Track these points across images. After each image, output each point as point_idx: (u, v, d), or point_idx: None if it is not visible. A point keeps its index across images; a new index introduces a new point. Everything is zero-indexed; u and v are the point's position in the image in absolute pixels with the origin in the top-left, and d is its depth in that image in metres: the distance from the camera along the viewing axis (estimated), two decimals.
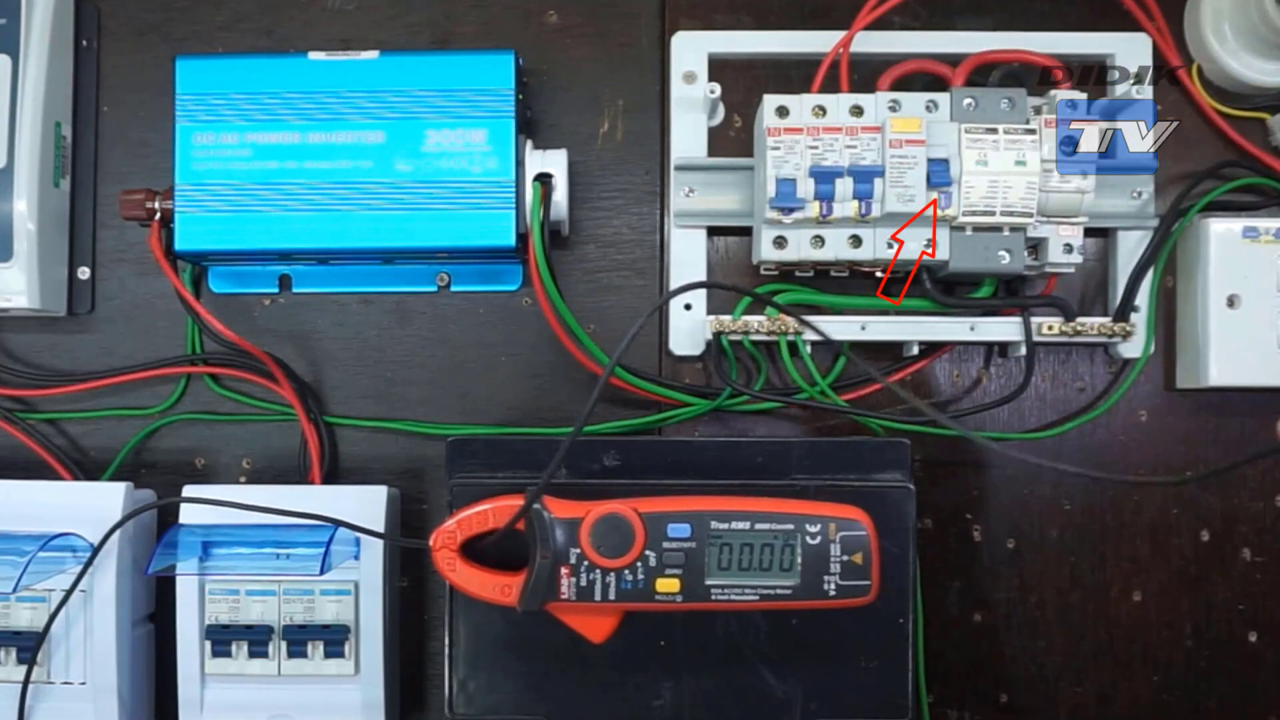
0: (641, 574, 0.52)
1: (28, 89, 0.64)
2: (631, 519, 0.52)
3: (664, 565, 0.52)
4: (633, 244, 0.69)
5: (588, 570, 0.52)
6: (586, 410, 0.52)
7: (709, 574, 0.52)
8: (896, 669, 0.58)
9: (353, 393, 0.69)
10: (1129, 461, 0.68)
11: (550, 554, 0.52)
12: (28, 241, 0.64)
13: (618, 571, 0.52)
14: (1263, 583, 0.68)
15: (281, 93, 0.63)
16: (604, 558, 0.52)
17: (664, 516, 0.52)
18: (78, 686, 0.62)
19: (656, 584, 0.52)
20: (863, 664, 0.58)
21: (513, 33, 0.69)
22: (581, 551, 0.52)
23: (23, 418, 0.69)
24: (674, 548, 0.52)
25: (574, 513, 0.53)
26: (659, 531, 0.52)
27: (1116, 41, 0.66)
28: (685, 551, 0.52)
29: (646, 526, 0.52)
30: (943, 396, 0.69)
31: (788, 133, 0.61)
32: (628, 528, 0.52)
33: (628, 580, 0.52)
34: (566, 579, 0.52)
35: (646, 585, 0.52)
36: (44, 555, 0.59)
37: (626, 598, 0.52)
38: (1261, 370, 0.65)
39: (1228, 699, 0.68)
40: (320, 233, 0.62)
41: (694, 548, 0.52)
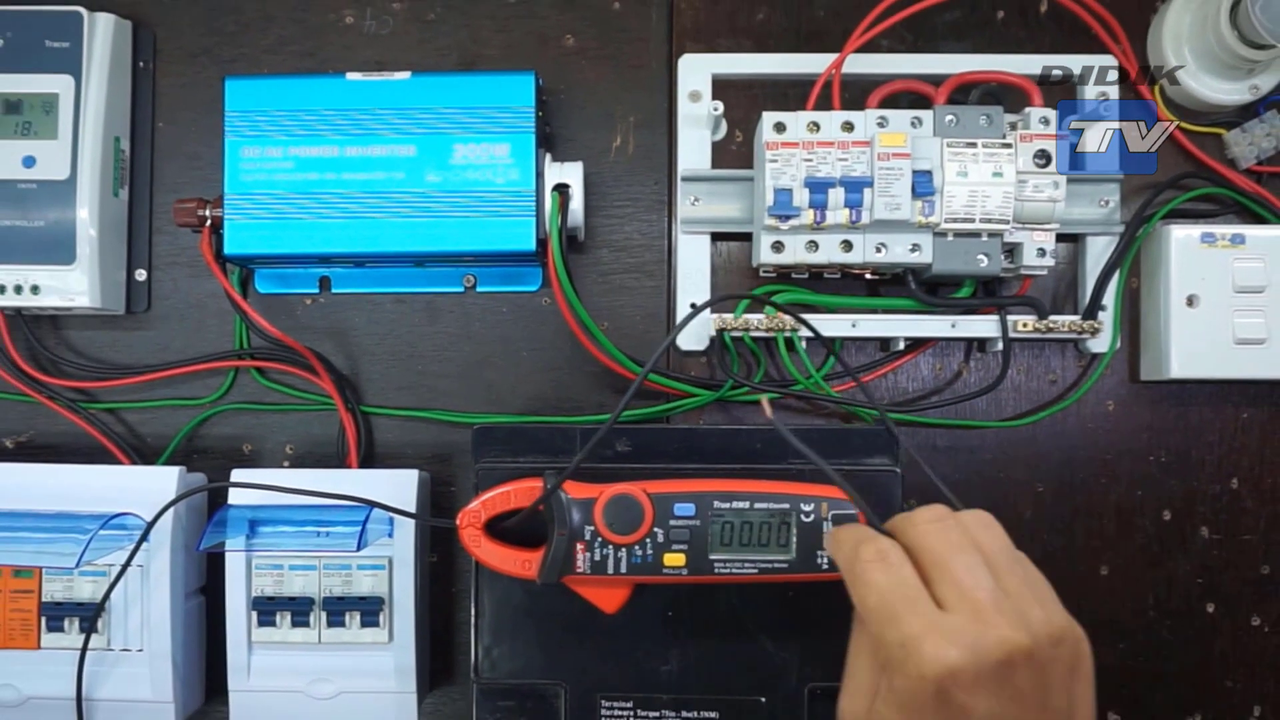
0: (650, 549, 0.52)
1: (89, 107, 0.64)
2: (641, 499, 0.52)
3: (670, 541, 0.52)
4: (643, 248, 0.69)
5: (601, 546, 0.52)
6: (620, 406, 0.53)
7: (712, 549, 0.52)
8: None
9: (387, 385, 0.69)
10: (1097, 447, 0.68)
11: (567, 531, 0.52)
12: (89, 246, 0.64)
13: (628, 547, 0.52)
14: (1219, 558, 0.68)
15: (321, 110, 0.62)
16: (616, 535, 0.52)
17: (671, 497, 0.52)
18: (135, 653, 0.62)
19: (664, 558, 0.52)
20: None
21: (533, 55, 0.69)
22: (595, 529, 0.52)
23: (85, 407, 0.69)
24: (680, 525, 0.52)
25: (589, 494, 0.53)
26: (666, 511, 0.52)
27: (1087, 64, 0.66)
28: (690, 529, 0.52)
29: (655, 506, 0.52)
30: (926, 388, 0.69)
31: (785, 146, 0.61)
32: (638, 507, 0.52)
33: (637, 555, 0.52)
34: (582, 554, 0.52)
35: (655, 559, 0.52)
36: (104, 533, 0.59)
37: (636, 571, 0.52)
38: (1218, 364, 0.65)
39: (1187, 664, 0.68)
40: (357, 238, 0.62)
41: (698, 525, 0.52)
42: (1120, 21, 0.65)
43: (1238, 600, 0.67)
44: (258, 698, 0.62)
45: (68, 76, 0.64)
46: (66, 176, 0.64)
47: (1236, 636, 0.67)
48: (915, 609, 0.38)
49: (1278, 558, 0.67)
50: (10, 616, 0.61)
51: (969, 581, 0.39)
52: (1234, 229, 0.64)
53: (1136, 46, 0.67)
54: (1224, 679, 0.67)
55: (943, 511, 0.42)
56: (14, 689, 0.61)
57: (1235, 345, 0.64)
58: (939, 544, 0.40)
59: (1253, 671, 0.67)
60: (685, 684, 0.58)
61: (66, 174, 0.64)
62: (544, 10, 0.69)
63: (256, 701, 0.62)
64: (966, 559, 0.40)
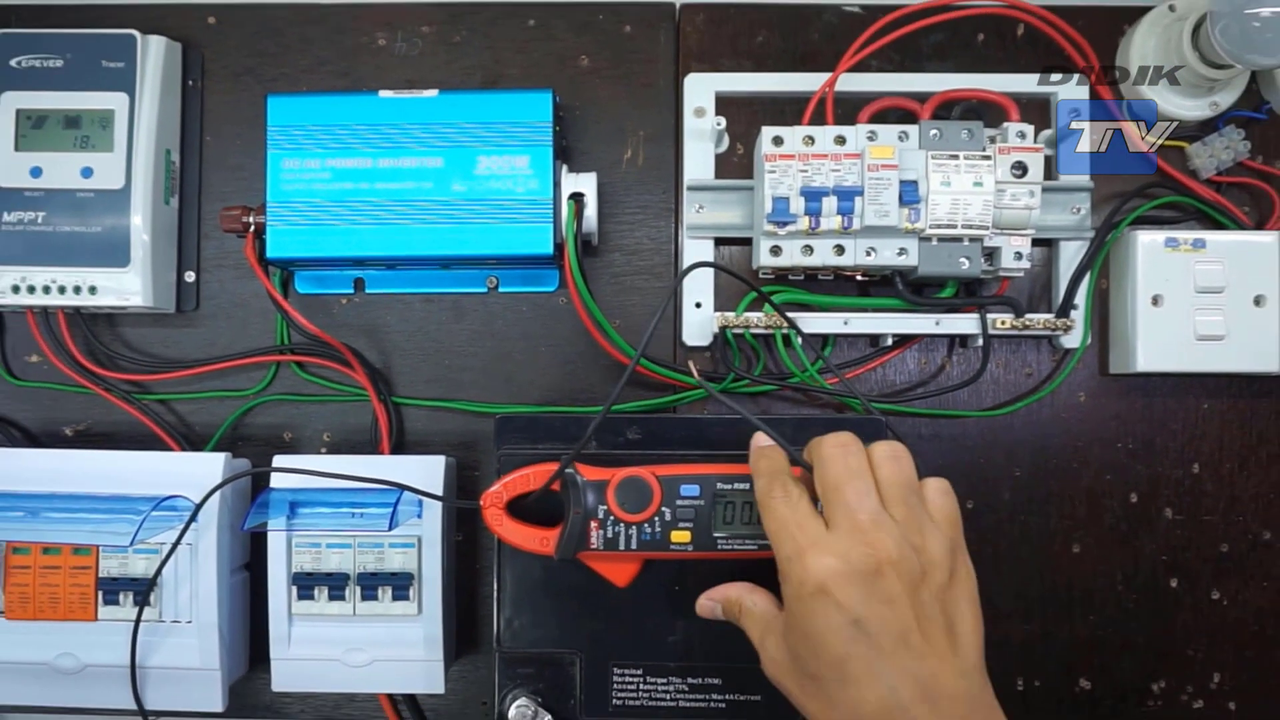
0: (659, 527, 0.52)
1: (142, 122, 0.64)
2: (650, 481, 0.52)
3: (677, 520, 0.52)
4: (652, 252, 0.69)
5: (613, 524, 0.52)
6: (614, 392, 0.53)
7: (715, 527, 0.52)
8: None
9: (416, 377, 0.69)
10: (1069, 435, 0.68)
11: (582, 511, 0.52)
12: (142, 250, 0.64)
13: (639, 525, 0.52)
14: (1181, 537, 0.68)
15: (356, 125, 0.63)
16: (627, 514, 0.52)
17: (678, 479, 0.52)
18: (184, 624, 0.62)
19: (671, 535, 0.52)
20: None
21: (550, 74, 0.69)
22: (608, 508, 0.52)
23: (139, 398, 0.69)
24: (686, 505, 0.52)
25: (602, 476, 0.53)
26: (673, 492, 0.52)
27: (1058, 81, 0.66)
28: (695, 508, 0.52)
29: (663, 487, 0.52)
30: (913, 380, 0.69)
31: (782, 158, 0.61)
32: (647, 488, 0.52)
33: (647, 532, 0.52)
34: (595, 532, 0.52)
35: (663, 537, 0.52)
36: (156, 514, 0.59)
37: (646, 547, 0.53)
38: (1180, 358, 0.65)
39: (1152, 635, 0.68)
40: (388, 243, 0.62)
41: (703, 505, 0.52)
42: (1090, 43, 0.65)
43: (1199, 576, 0.68)
44: (297, 665, 0.62)
45: (123, 94, 0.64)
46: (121, 186, 0.64)
47: (1198, 609, 0.67)
48: (804, 530, 0.43)
49: (1236, 537, 0.67)
50: (70, 591, 0.62)
51: (854, 503, 0.42)
52: (1195, 234, 0.65)
53: (1105, 66, 0.67)
54: (1186, 648, 0.68)
55: (848, 439, 0.45)
56: (73, 657, 0.61)
57: (1196, 341, 0.64)
58: (836, 469, 0.44)
59: (1213, 641, 0.67)
60: (690, 653, 0.58)
61: (121, 184, 0.64)
62: (561, 33, 0.69)
63: (296, 669, 0.62)
64: (857, 485, 0.43)
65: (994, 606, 0.67)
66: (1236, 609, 0.67)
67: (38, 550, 0.62)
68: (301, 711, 0.69)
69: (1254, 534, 0.68)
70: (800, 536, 0.43)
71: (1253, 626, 0.67)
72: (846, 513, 0.42)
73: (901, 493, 0.44)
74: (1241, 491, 0.68)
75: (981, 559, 0.65)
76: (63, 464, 0.62)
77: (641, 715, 0.58)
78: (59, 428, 0.69)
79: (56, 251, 0.64)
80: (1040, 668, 0.68)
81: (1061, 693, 0.67)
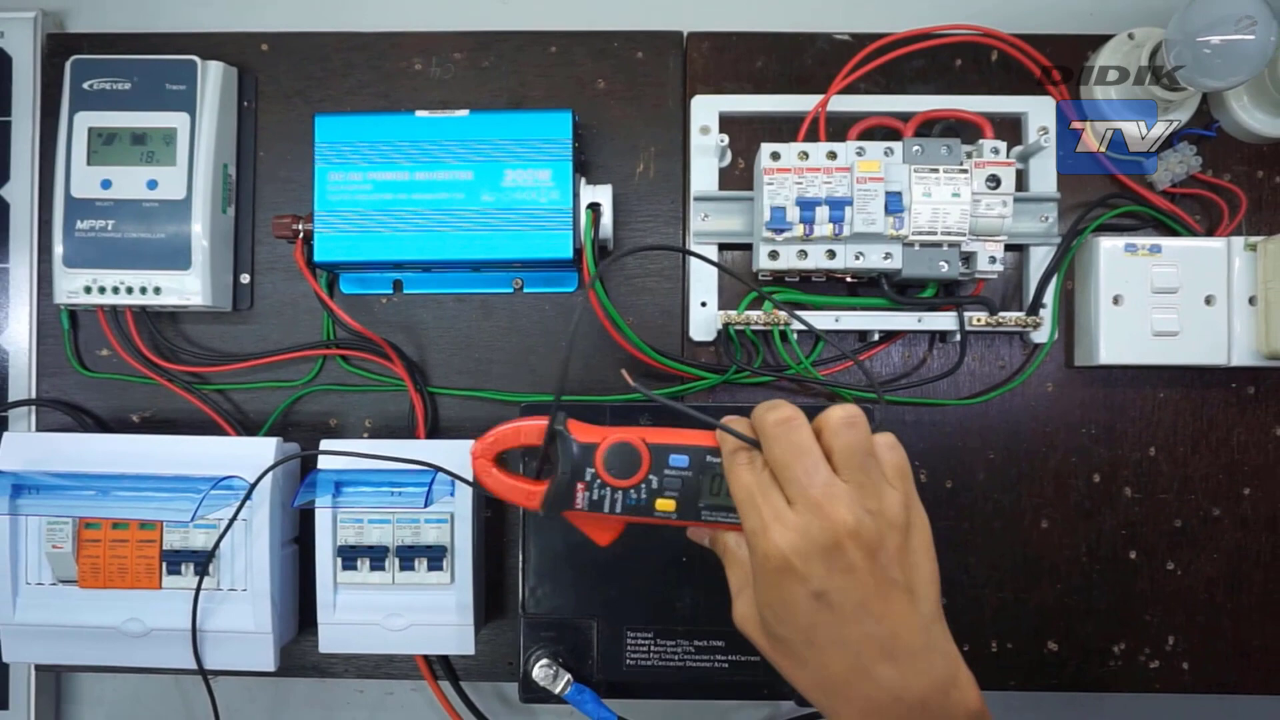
0: (644, 494, 0.46)
1: (202, 139, 0.65)
2: (639, 448, 0.46)
3: (664, 488, 0.46)
4: (661, 256, 0.69)
5: (599, 487, 0.46)
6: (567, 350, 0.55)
7: (701, 498, 0.46)
8: None
9: (449, 369, 0.69)
10: (1038, 421, 0.68)
11: (569, 471, 0.47)
12: (202, 255, 0.65)
13: (624, 490, 0.46)
14: (1139, 514, 0.68)
15: (395, 142, 0.63)
16: (614, 478, 0.46)
17: (667, 448, 0.46)
18: (240, 592, 0.63)
19: (656, 503, 0.46)
20: None
21: (571, 96, 0.69)
22: (595, 471, 0.46)
23: (199, 388, 0.69)
24: (673, 475, 0.46)
25: (592, 437, 0.47)
26: (662, 460, 0.46)
27: (1029, 102, 0.67)
28: (683, 479, 0.46)
29: (652, 455, 0.46)
30: (897, 372, 0.69)
31: (779, 172, 0.61)
32: (636, 455, 0.46)
33: (633, 498, 0.46)
34: (581, 493, 0.47)
35: (648, 503, 0.46)
36: (215, 493, 0.60)
37: (630, 512, 0.47)
38: (1139, 352, 0.65)
39: (1113, 601, 0.68)
40: (424, 248, 0.62)
41: (690, 476, 0.46)
42: (1058, 67, 0.66)
43: (1155, 548, 0.68)
44: (342, 629, 0.63)
45: (184, 114, 0.65)
46: (183, 197, 0.64)
47: (1154, 579, 0.68)
48: (768, 501, 0.40)
49: (1188, 513, 0.68)
50: (137, 562, 0.62)
51: (804, 480, 0.40)
52: (1152, 240, 0.65)
53: (1071, 88, 0.67)
54: (1143, 614, 0.68)
55: (788, 413, 0.41)
56: (139, 622, 0.62)
57: (1153, 337, 0.65)
58: (781, 450, 0.41)
59: (1167, 607, 0.68)
60: (697, 618, 0.58)
61: (183, 195, 0.64)
62: (580, 59, 0.69)
63: (341, 632, 0.63)
64: (805, 461, 0.40)
65: (970, 576, 0.68)
66: (1189, 578, 0.68)
67: (108, 525, 0.62)
68: (345, 671, 0.69)
69: (1204, 510, 0.68)
70: (764, 509, 0.40)
71: (1203, 594, 0.68)
72: (799, 489, 0.40)
73: (857, 459, 0.40)
74: (1194, 472, 0.68)
75: (958, 533, 0.68)
76: (130, 448, 0.63)
77: (652, 675, 0.59)
78: (127, 415, 0.70)
79: (124, 256, 0.64)
80: (1012, 631, 0.68)
81: (1031, 654, 0.68)
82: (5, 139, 0.69)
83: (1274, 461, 0.68)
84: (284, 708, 0.73)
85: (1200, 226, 0.68)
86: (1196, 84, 0.61)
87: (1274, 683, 0.68)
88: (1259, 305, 0.64)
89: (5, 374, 0.69)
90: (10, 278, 0.69)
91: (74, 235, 0.64)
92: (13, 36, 0.69)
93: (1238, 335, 0.65)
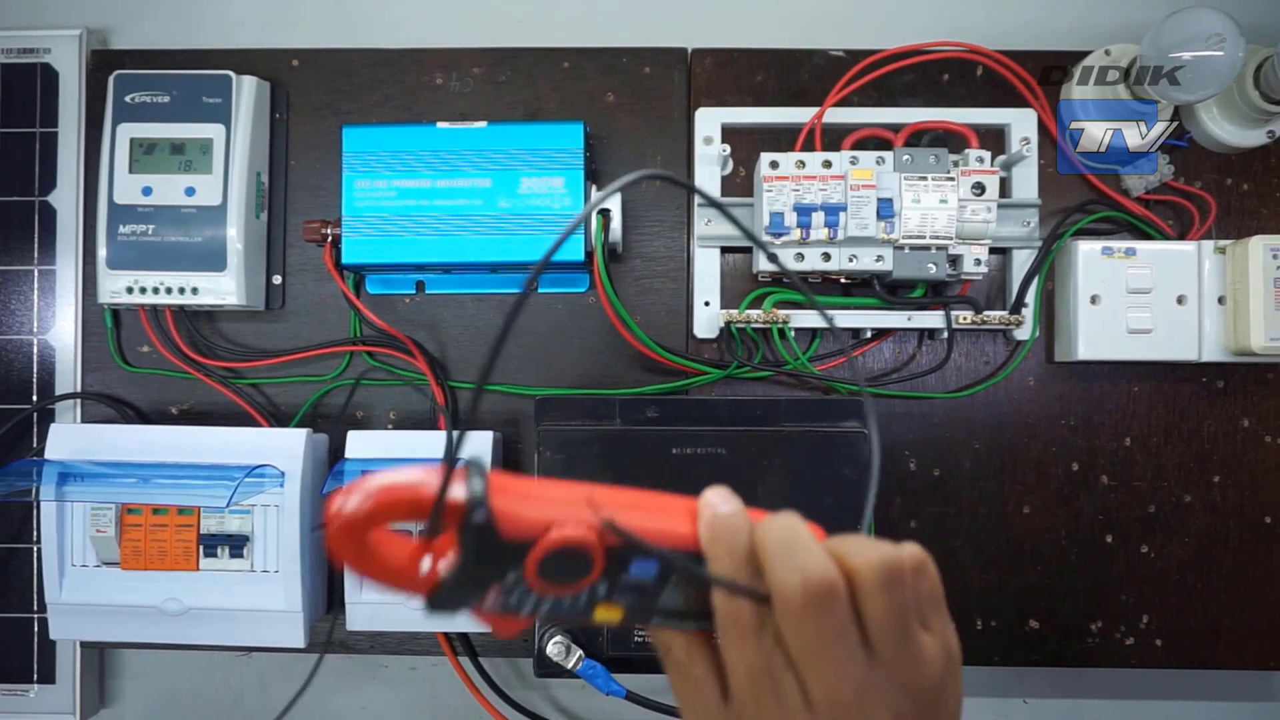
0: (583, 601, 0.29)
1: (236, 149, 0.65)
2: (593, 552, 0.28)
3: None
4: (667, 259, 0.69)
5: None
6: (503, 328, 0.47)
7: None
8: None
9: (468, 365, 0.69)
10: (1021, 413, 0.68)
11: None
12: (237, 257, 0.65)
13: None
14: (1115, 500, 0.68)
15: (417, 151, 0.63)
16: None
17: (630, 552, 0.28)
18: (272, 574, 0.63)
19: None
20: None
21: (582, 108, 0.69)
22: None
23: (233, 382, 0.70)
24: (630, 583, 0.29)
25: (525, 526, 0.27)
26: (620, 567, 0.29)
27: (1012, 115, 0.67)
28: (641, 587, 0.29)
29: (608, 561, 0.28)
30: (888, 367, 0.69)
31: (778, 179, 0.62)
32: (585, 563, 0.28)
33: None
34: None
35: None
36: (249, 480, 0.60)
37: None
38: (1115, 349, 0.65)
39: (1090, 582, 0.68)
40: (445, 251, 0.63)
41: (651, 583, 0.29)
42: (1039, 82, 0.67)
43: (1130, 533, 0.68)
44: (367, 608, 0.63)
45: (220, 125, 0.65)
46: (219, 203, 0.65)
47: (1129, 561, 0.68)
48: (781, 699, 0.28)
49: (1161, 499, 0.68)
50: (175, 545, 0.63)
51: (834, 679, 0.28)
52: (1127, 244, 0.65)
53: (1051, 103, 0.68)
54: (1119, 594, 0.68)
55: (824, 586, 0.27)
56: (178, 601, 0.63)
57: (1128, 334, 0.65)
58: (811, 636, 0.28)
59: (1141, 589, 0.68)
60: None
61: (219, 201, 0.65)
62: (591, 74, 0.69)
63: (367, 611, 0.63)
64: (838, 652, 0.28)
65: (956, 559, 0.68)
66: (1162, 560, 0.68)
67: (148, 511, 0.63)
68: (371, 647, 0.69)
69: (1176, 497, 0.68)
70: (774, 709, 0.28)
71: (1175, 576, 0.68)
72: (826, 690, 0.28)
73: (897, 627, 0.28)
74: (1166, 461, 0.68)
75: (946, 519, 0.68)
76: (169, 438, 0.63)
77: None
78: (166, 407, 0.70)
79: (164, 258, 0.65)
80: (996, 611, 0.68)
81: (1014, 632, 0.68)
82: (52, 149, 0.70)
83: (1241, 451, 0.68)
84: (313, 682, 0.73)
85: (1172, 231, 0.68)
86: (1168, 97, 0.62)
87: (1241, 658, 0.68)
88: (1228, 304, 0.65)
89: (52, 369, 0.70)
90: (57, 279, 0.70)
91: (117, 239, 0.65)
92: (59, 53, 0.70)
93: (1208, 332, 0.65)
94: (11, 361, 0.70)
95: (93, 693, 0.72)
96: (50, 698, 0.69)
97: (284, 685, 0.74)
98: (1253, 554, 0.68)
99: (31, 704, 0.69)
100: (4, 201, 0.70)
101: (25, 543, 0.69)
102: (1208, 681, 0.72)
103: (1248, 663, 0.68)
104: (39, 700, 0.69)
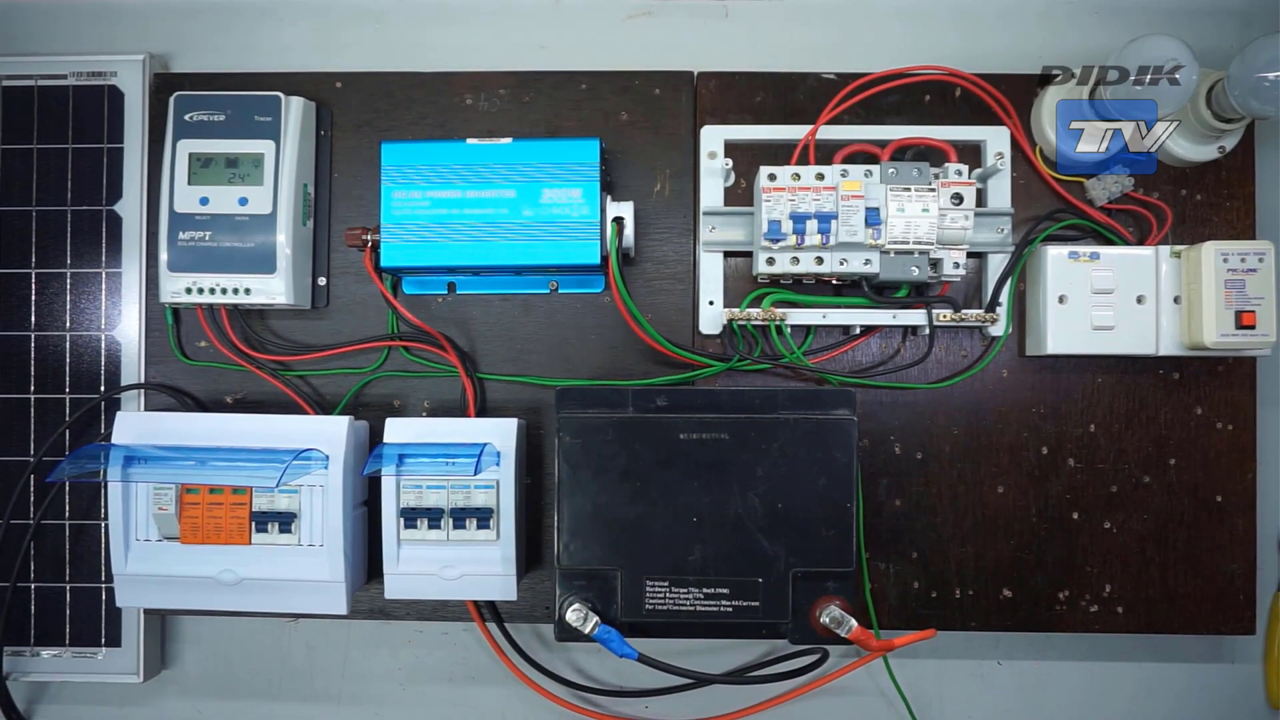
0: None
1: (285, 162, 0.65)
2: None
3: None
4: (675, 262, 0.69)
5: None
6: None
7: None
8: (845, 536, 0.58)
9: (495, 358, 0.69)
10: (995, 402, 0.68)
11: None
12: (285, 261, 0.65)
13: None
14: (1081, 481, 0.68)
15: (449, 165, 0.63)
16: None
17: None
18: (318, 548, 0.63)
19: None
20: (824, 532, 0.58)
21: (599, 126, 0.69)
22: None
23: (283, 374, 0.69)
24: None
25: None
26: None
27: (987, 132, 0.67)
28: None
29: None
30: (875, 360, 0.69)
31: (775, 190, 0.62)
32: None
33: None
34: None
35: None
36: (296, 463, 0.60)
37: None
38: (1081, 344, 0.65)
39: (1059, 556, 0.68)
40: (474, 255, 0.63)
41: None
42: (1011, 102, 0.67)
43: (1094, 510, 0.68)
44: (404, 579, 0.63)
45: (270, 141, 0.65)
46: (269, 212, 0.65)
47: (1093, 536, 0.68)
48: None
49: (1122, 480, 0.68)
50: (230, 521, 0.63)
51: None
52: (1092, 249, 0.65)
53: (1023, 120, 0.68)
54: (1084, 566, 0.68)
55: None
56: (232, 573, 0.63)
57: (1093, 331, 0.65)
58: None
59: (1104, 560, 0.68)
60: (706, 568, 0.58)
61: (269, 210, 0.65)
62: (606, 95, 0.69)
63: (403, 581, 0.63)
64: None
65: (937, 533, 0.68)
66: (1123, 535, 0.68)
67: (205, 490, 0.63)
68: (407, 614, 0.69)
69: (1136, 478, 0.68)
70: None
71: (1135, 549, 0.68)
72: None
73: None
74: (1127, 445, 0.68)
75: (928, 497, 0.68)
76: (224, 425, 0.63)
77: (667, 617, 0.58)
78: (221, 397, 0.70)
79: (219, 262, 0.65)
80: (973, 580, 0.68)
81: (989, 600, 0.68)
82: (118, 163, 0.70)
83: (1195, 436, 0.68)
84: (354, 646, 0.74)
85: (1133, 237, 0.68)
86: (1253, 111, 0.61)
87: (1195, 623, 0.68)
88: (1183, 304, 0.65)
89: (119, 362, 0.70)
90: (123, 281, 0.70)
91: (177, 244, 0.65)
92: (125, 76, 0.70)
93: (1164, 329, 0.65)
94: (82, 355, 0.70)
95: (155, 655, 0.72)
96: (116, 660, 0.69)
97: (328, 649, 0.74)
98: (1205, 529, 0.68)
99: (100, 665, 0.69)
100: (75, 210, 0.70)
101: (94, 519, 0.69)
102: (1164, 644, 0.72)
103: (1200, 628, 0.68)
104: (106, 662, 0.69)
